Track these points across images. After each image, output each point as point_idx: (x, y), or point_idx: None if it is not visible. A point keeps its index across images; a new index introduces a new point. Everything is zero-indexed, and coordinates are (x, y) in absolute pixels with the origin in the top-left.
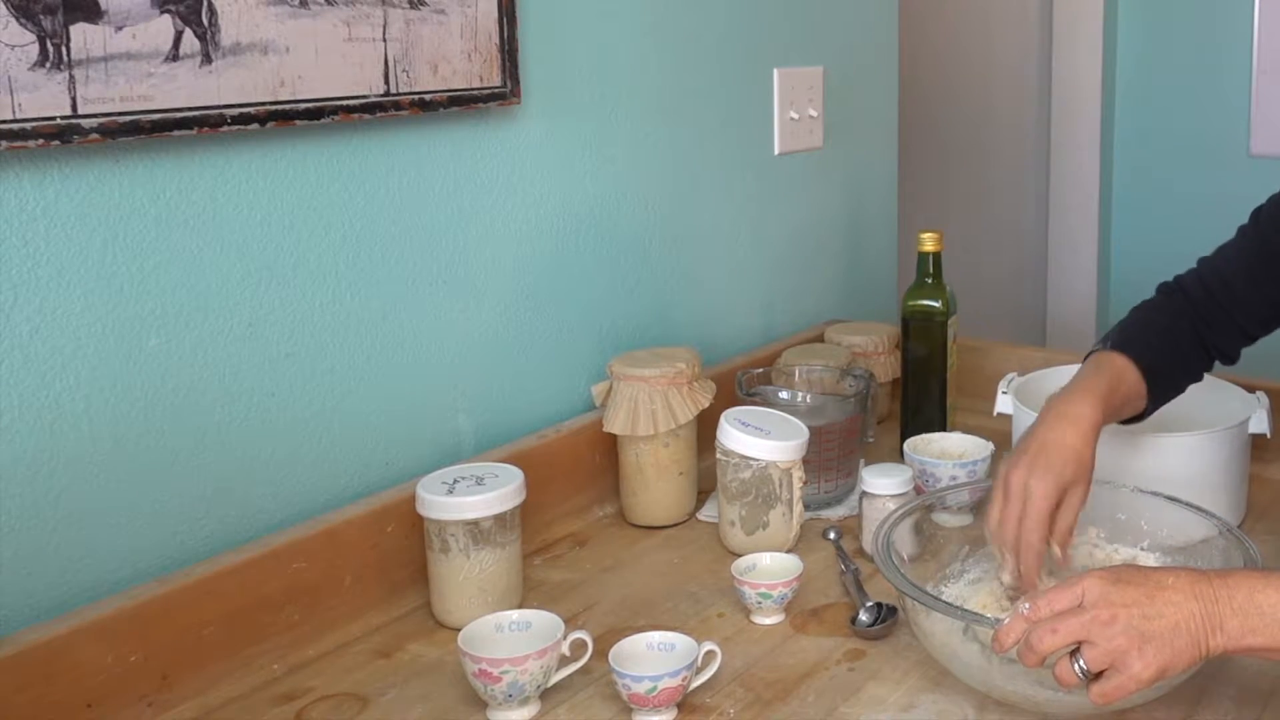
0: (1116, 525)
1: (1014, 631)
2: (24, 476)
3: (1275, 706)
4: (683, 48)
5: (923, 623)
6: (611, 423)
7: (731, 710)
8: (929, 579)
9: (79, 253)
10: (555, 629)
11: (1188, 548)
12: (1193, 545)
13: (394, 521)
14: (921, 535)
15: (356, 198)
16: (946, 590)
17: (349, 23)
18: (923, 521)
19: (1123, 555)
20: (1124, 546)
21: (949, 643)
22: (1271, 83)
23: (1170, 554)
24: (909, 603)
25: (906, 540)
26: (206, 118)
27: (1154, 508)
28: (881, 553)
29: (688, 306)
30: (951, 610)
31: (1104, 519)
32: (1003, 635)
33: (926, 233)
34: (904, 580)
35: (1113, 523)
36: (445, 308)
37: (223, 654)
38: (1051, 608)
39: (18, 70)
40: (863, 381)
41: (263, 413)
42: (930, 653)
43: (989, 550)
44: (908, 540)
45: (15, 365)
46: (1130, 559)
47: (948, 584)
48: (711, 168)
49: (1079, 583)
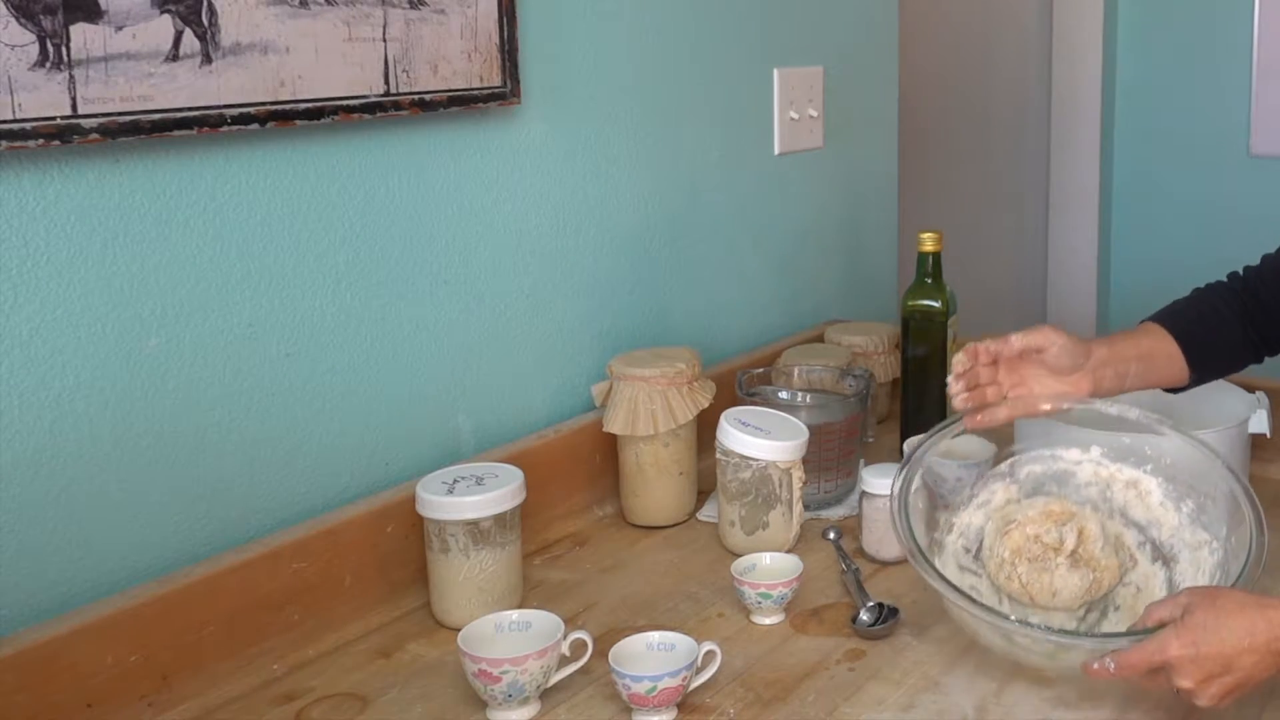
0: (1120, 446)
1: (1100, 678)
2: (24, 476)
3: (1275, 707)
4: (683, 48)
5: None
6: (611, 423)
7: (731, 710)
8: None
9: (79, 253)
10: (555, 629)
11: (1192, 481)
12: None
13: (394, 521)
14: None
15: (356, 198)
16: (957, 520)
17: (349, 23)
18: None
19: (1126, 476)
20: (1126, 466)
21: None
22: (1271, 83)
23: (1173, 479)
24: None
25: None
26: (206, 118)
27: (1157, 436)
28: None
29: (688, 306)
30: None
31: (1107, 439)
32: (1091, 674)
33: (926, 233)
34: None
35: (1116, 443)
36: (445, 308)
37: (223, 654)
38: (1136, 673)
39: (18, 70)
40: (863, 381)
41: (263, 413)
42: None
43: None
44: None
45: (15, 365)
46: (1133, 480)
47: (958, 513)
48: (711, 168)
49: (1160, 653)
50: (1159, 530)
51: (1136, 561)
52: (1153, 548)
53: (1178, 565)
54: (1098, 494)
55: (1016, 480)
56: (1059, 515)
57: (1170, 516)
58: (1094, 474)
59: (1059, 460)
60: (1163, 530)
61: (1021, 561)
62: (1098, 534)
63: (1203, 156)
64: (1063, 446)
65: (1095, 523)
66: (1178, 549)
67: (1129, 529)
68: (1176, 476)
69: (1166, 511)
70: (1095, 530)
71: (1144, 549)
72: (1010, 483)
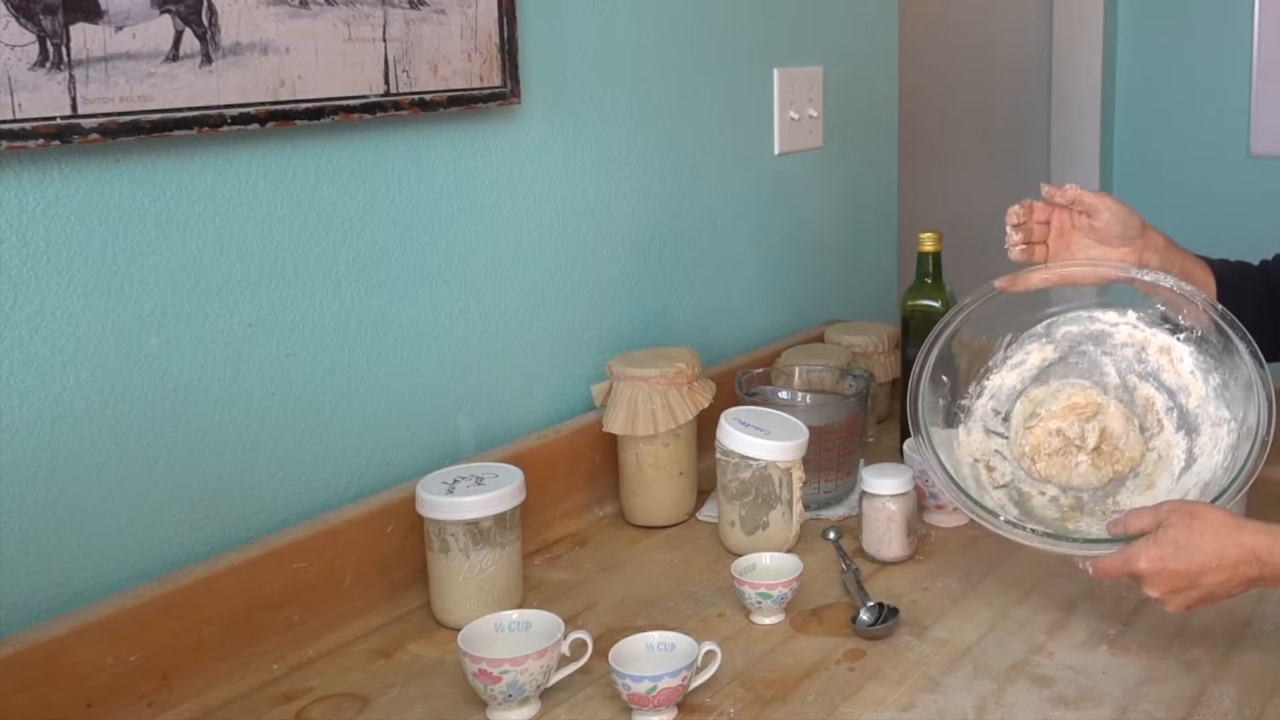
0: (1155, 312)
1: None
2: (24, 476)
3: (1275, 707)
4: (683, 48)
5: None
6: (611, 423)
7: (731, 710)
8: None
9: (79, 253)
10: (555, 629)
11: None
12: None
13: (394, 521)
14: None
15: (356, 198)
16: (989, 383)
17: (349, 23)
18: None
19: (1160, 341)
20: (1161, 332)
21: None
22: (1271, 83)
23: (1204, 351)
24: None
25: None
26: (206, 118)
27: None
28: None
29: (688, 306)
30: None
31: (1144, 304)
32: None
33: (926, 233)
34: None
35: (1151, 309)
36: (445, 308)
37: (223, 654)
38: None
39: (18, 70)
40: (862, 381)
41: (263, 413)
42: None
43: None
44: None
45: (15, 365)
46: (1166, 347)
47: (990, 376)
48: (711, 168)
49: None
50: (1187, 398)
51: (1163, 427)
52: (1179, 415)
53: (1198, 438)
54: (1133, 356)
55: (1053, 340)
56: (1083, 409)
57: (1199, 385)
58: (1129, 336)
59: (1096, 321)
60: (1190, 398)
61: (1042, 456)
62: (1121, 430)
63: (1203, 156)
64: (1100, 309)
65: (1119, 418)
66: (1200, 421)
67: (1160, 393)
68: (1207, 349)
69: (1195, 380)
70: (1118, 427)
71: (1171, 415)
72: (1046, 343)
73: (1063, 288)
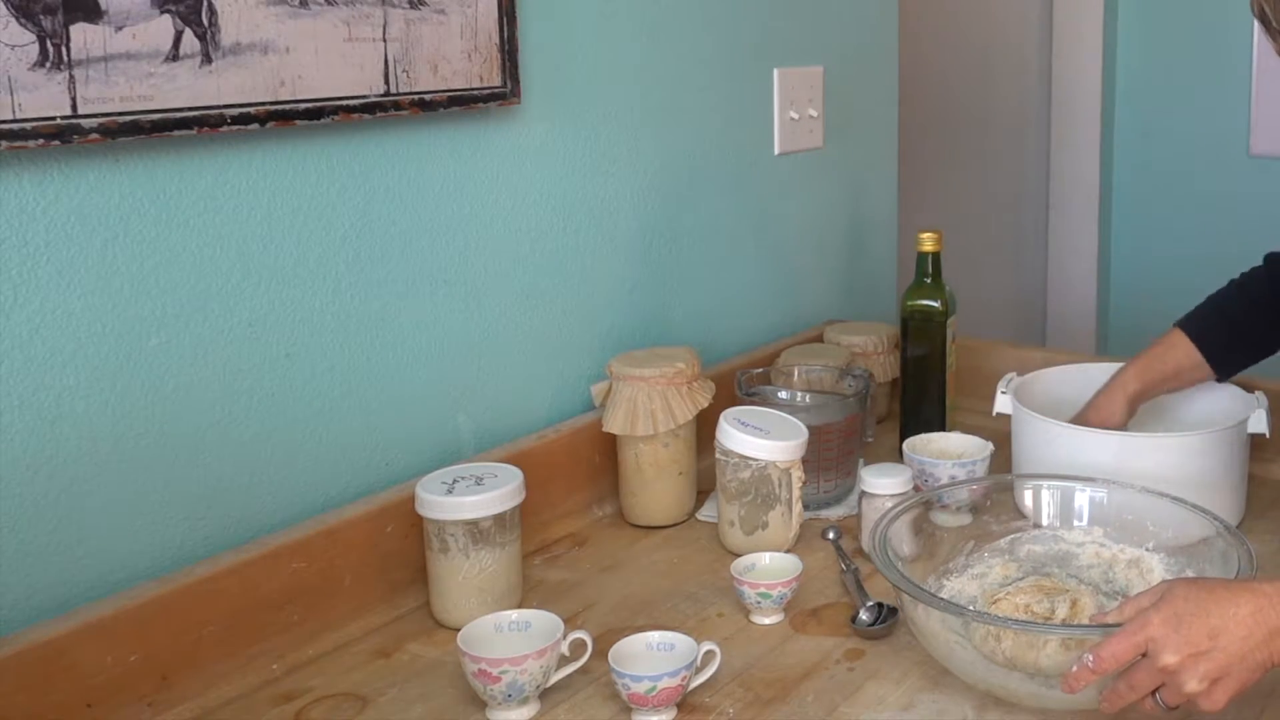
0: (1123, 525)
1: (1082, 681)
2: (24, 476)
3: (1275, 707)
4: (683, 48)
5: (919, 619)
6: (611, 423)
7: (731, 710)
8: (929, 575)
9: (79, 253)
10: (555, 629)
11: (1189, 548)
12: (1193, 545)
13: (394, 521)
14: (921, 534)
15: (356, 198)
16: (948, 584)
17: (349, 23)
18: (921, 520)
19: (1128, 555)
20: (1129, 546)
21: (946, 639)
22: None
23: (1174, 554)
24: (905, 599)
25: (905, 538)
26: (206, 118)
27: (1159, 508)
28: (879, 549)
29: (688, 306)
30: (945, 605)
31: (1110, 519)
32: (1072, 682)
33: (926, 233)
34: (900, 576)
35: (1119, 522)
36: (445, 308)
37: (222, 654)
38: (1117, 660)
39: (18, 70)
40: (862, 381)
41: (263, 413)
42: (928, 650)
43: (993, 546)
44: (906, 539)
45: (15, 365)
46: (1135, 559)
47: (949, 578)
48: (711, 168)
49: (1140, 630)
50: None
51: None
52: None
53: None
54: (1099, 576)
55: (1016, 559)
56: (1051, 590)
57: None
58: (1096, 555)
59: (1060, 542)
60: None
61: (1007, 634)
62: (1092, 607)
63: (1203, 156)
64: (1065, 528)
65: (1090, 596)
66: None
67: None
68: (1177, 550)
69: None
70: (1090, 603)
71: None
72: (1009, 560)
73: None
